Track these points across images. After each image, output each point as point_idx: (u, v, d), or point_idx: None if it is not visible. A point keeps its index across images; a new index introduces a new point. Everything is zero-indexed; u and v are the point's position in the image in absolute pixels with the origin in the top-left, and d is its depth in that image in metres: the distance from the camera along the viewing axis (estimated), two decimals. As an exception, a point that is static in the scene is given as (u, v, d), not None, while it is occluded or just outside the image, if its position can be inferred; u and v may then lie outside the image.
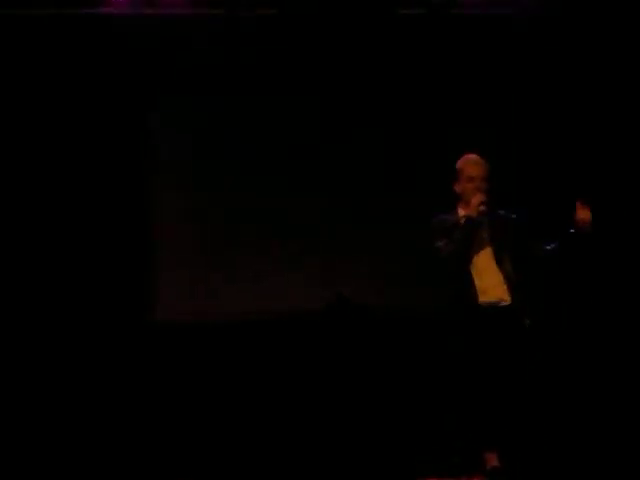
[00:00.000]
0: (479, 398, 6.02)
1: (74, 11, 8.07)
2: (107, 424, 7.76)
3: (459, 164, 6.30)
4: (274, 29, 8.17)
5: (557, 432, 7.54)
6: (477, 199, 6.11)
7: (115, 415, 7.80)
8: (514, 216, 6.33)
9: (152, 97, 8.36)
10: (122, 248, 8.14)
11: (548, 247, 6.21)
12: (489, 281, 6.15)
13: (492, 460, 6.02)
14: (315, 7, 8.13)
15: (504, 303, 6.14)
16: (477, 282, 6.15)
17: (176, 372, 7.97)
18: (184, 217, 8.28)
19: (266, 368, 7.98)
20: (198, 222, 8.29)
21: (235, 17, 8.09)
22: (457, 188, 6.30)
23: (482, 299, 6.12)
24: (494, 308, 6.12)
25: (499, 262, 6.20)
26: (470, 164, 6.26)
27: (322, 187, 8.36)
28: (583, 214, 6.08)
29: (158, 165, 8.34)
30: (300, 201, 8.31)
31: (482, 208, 6.11)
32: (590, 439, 7.65)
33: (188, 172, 8.37)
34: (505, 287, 6.15)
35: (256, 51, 8.22)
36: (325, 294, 8.09)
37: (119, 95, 8.26)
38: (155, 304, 8.13)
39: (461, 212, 6.27)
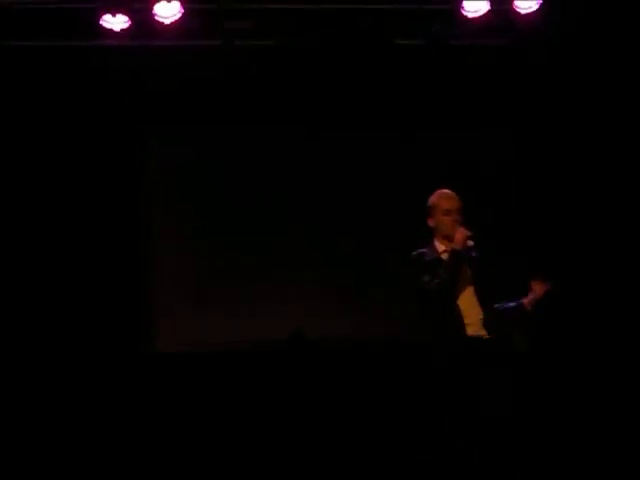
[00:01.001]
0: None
1: (73, 43, 7.98)
2: (110, 452, 8.09)
3: (433, 199, 6.37)
4: (270, 60, 8.12)
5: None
6: (462, 233, 6.21)
7: (117, 442, 8.13)
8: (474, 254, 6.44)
9: (149, 128, 8.47)
10: (121, 282, 8.34)
11: (506, 306, 6.54)
12: (473, 315, 6.33)
13: None
14: (312, 38, 8.05)
15: (485, 337, 6.35)
16: (464, 316, 6.32)
17: (176, 400, 8.30)
18: (182, 250, 8.49)
19: (265, 395, 8.34)
20: (197, 254, 8.50)
21: (231, 48, 8.02)
22: (431, 222, 6.38)
23: (469, 332, 6.31)
24: (480, 339, 6.34)
25: (478, 296, 6.37)
26: (445, 198, 6.34)
27: (321, 216, 8.57)
28: (537, 289, 6.35)
29: (157, 197, 8.49)
30: (302, 230, 8.54)
31: (470, 243, 6.25)
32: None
33: (187, 203, 8.55)
34: (483, 323, 6.34)
35: (253, 81, 8.20)
36: (327, 323, 8.38)
37: (117, 127, 8.35)
38: (155, 336, 8.39)
39: (440, 247, 6.37)
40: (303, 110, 8.44)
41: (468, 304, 6.32)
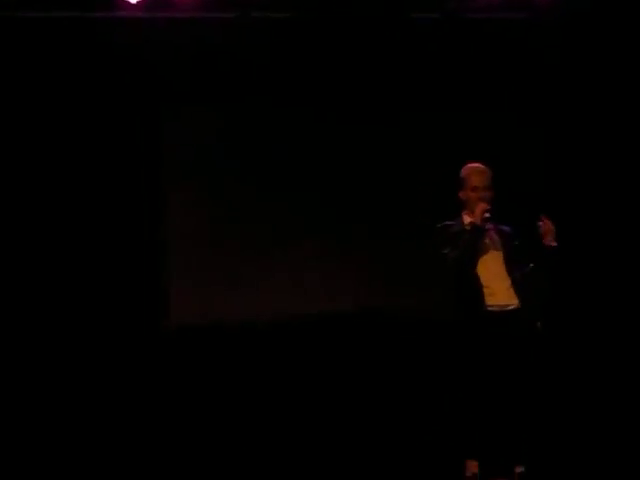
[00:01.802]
0: (478, 403, 6.31)
1: (88, 14, 8.00)
2: (121, 428, 7.98)
3: (463, 173, 6.51)
4: (287, 32, 8.13)
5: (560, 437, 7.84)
6: (481, 208, 6.34)
7: (129, 420, 8.02)
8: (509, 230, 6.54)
9: (166, 107, 8.35)
10: (136, 258, 8.25)
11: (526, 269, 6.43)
12: (497, 285, 6.39)
13: (473, 467, 6.31)
14: (329, 11, 8.07)
15: (512, 307, 6.38)
16: (485, 286, 6.38)
17: (191, 375, 8.17)
18: (197, 224, 8.37)
19: (279, 370, 8.20)
20: (212, 229, 8.39)
21: (248, 20, 8.04)
22: (462, 195, 6.53)
23: (490, 302, 6.36)
24: (502, 312, 6.36)
25: (509, 267, 6.43)
26: (474, 173, 6.48)
27: (338, 197, 8.48)
28: (546, 227, 6.29)
29: (173, 175, 8.39)
30: (312, 205, 8.44)
31: (486, 215, 6.34)
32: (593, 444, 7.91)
33: (202, 181, 8.41)
34: (513, 291, 6.39)
35: (269, 55, 8.18)
36: (340, 297, 8.28)
37: (133, 104, 8.26)
38: (169, 309, 8.27)
39: (467, 219, 6.49)
40: (318, 86, 8.36)
41: (492, 274, 6.40)
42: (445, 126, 8.41)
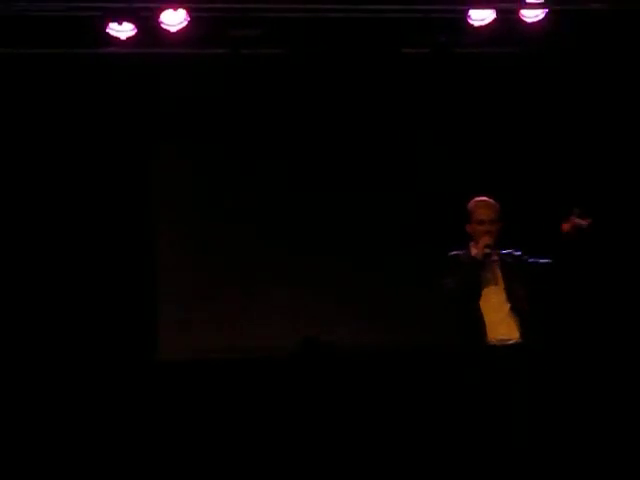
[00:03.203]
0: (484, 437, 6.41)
1: (79, 50, 7.95)
2: (107, 461, 8.11)
3: (470, 206, 6.58)
4: (278, 68, 8.12)
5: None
6: (483, 241, 6.44)
7: (114, 453, 8.14)
8: (518, 253, 6.60)
9: (154, 143, 8.47)
10: (124, 292, 8.35)
11: (542, 261, 6.56)
12: (496, 317, 6.47)
13: None
14: (319, 47, 8.05)
15: (512, 341, 6.48)
16: (486, 319, 6.48)
17: (179, 410, 8.31)
18: (185, 259, 8.51)
19: (266, 405, 8.36)
20: (199, 264, 8.52)
21: (238, 56, 8.02)
22: (468, 229, 6.60)
23: (491, 336, 6.46)
24: (503, 346, 6.46)
25: (510, 299, 6.51)
26: (480, 207, 6.56)
27: (329, 229, 8.60)
28: (567, 226, 6.42)
29: (161, 209, 8.50)
30: (309, 242, 8.57)
31: (487, 251, 6.44)
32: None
33: (190, 216, 8.55)
34: (513, 324, 6.48)
35: (259, 91, 8.19)
36: (327, 331, 8.44)
37: (122, 140, 8.33)
38: (157, 344, 8.40)
39: (473, 251, 6.55)
40: (309, 119, 8.43)
41: (492, 306, 6.48)
42: (442, 161, 8.55)
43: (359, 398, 8.39)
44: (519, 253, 6.61)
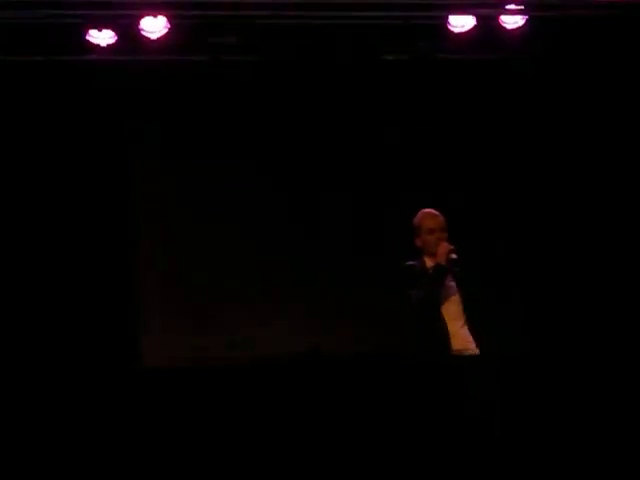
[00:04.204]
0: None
1: (59, 58, 7.95)
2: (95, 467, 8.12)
3: (417, 220, 6.57)
4: (259, 75, 8.14)
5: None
6: (445, 247, 6.43)
7: (99, 462, 8.15)
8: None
9: (135, 145, 8.44)
10: (107, 301, 8.36)
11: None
12: (456, 328, 6.48)
13: None
14: (298, 54, 8.06)
15: (469, 352, 6.48)
16: (449, 327, 6.48)
17: (162, 417, 8.31)
18: (169, 269, 8.50)
19: (250, 413, 8.37)
20: (183, 273, 8.52)
21: (218, 63, 8.04)
22: (418, 242, 6.57)
23: (453, 345, 6.46)
24: (462, 356, 6.46)
25: (466, 309, 6.54)
26: (427, 217, 6.56)
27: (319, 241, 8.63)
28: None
29: (142, 211, 8.49)
30: (300, 248, 8.59)
31: (452, 256, 6.43)
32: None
33: (173, 225, 8.55)
34: (469, 334, 6.49)
35: (240, 97, 8.21)
36: (307, 342, 8.46)
37: (102, 147, 8.33)
38: (142, 352, 8.40)
39: (429, 263, 6.52)
40: (290, 126, 8.44)
41: (452, 315, 6.50)
42: (424, 167, 8.57)
43: (350, 404, 8.43)
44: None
